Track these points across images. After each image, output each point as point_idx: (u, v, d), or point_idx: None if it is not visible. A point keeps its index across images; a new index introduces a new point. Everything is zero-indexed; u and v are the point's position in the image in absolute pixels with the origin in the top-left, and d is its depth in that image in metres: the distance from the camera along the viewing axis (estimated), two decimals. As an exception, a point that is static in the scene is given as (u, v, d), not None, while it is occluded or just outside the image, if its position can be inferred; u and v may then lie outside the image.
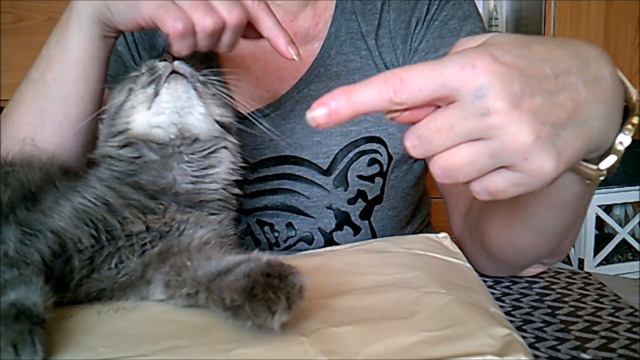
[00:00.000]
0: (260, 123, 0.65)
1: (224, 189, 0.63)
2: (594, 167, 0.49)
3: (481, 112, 0.41)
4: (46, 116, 0.69)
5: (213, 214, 0.60)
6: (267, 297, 0.42)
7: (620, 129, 0.48)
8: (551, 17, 2.00)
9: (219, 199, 0.62)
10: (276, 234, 0.86)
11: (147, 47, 0.88)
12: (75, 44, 0.67)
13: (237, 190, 0.65)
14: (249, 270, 0.45)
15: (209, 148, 0.61)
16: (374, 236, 0.87)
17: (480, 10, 2.14)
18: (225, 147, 0.63)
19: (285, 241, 0.86)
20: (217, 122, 0.62)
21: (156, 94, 0.60)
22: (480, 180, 0.44)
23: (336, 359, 0.40)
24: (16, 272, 0.47)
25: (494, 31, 2.15)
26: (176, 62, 0.61)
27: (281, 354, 0.41)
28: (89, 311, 0.51)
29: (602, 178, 0.50)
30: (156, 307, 0.52)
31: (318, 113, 0.43)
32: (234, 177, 0.64)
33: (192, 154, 0.60)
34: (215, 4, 0.59)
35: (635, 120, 0.48)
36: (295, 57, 0.62)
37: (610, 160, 0.49)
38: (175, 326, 0.47)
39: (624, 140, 0.48)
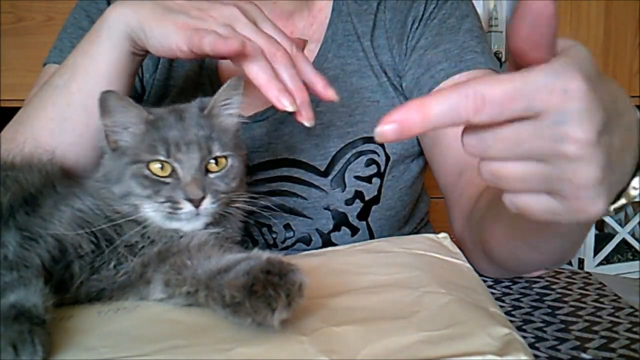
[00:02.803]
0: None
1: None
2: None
3: (557, 138, 0.38)
4: (67, 124, 0.68)
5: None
6: (267, 294, 0.43)
7: (635, 174, 0.46)
8: (551, 17, 1.99)
9: None
10: (274, 235, 0.86)
11: None
12: (103, 56, 0.66)
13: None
14: (249, 268, 0.45)
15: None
16: (371, 237, 0.87)
17: (480, 10, 2.14)
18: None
19: (283, 242, 0.86)
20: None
21: (172, 220, 0.57)
22: (515, 195, 0.42)
23: (336, 358, 0.40)
24: (16, 274, 0.47)
25: (494, 31, 2.16)
26: (203, 207, 0.56)
27: (281, 353, 0.41)
28: (89, 311, 0.51)
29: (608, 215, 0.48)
30: (156, 307, 0.52)
31: (387, 130, 0.39)
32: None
33: None
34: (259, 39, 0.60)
35: None
36: (333, 98, 0.64)
37: (620, 203, 0.47)
38: (175, 326, 0.47)
39: (638, 185, 0.46)
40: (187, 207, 0.56)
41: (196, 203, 0.56)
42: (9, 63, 1.71)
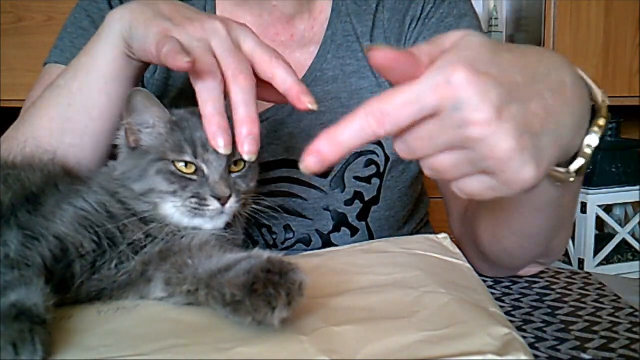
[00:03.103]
0: None
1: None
2: (563, 170, 0.49)
3: (459, 125, 0.41)
4: (67, 125, 0.68)
5: None
6: (268, 293, 0.43)
7: (588, 131, 0.48)
8: (551, 17, 2.00)
9: None
10: (274, 236, 0.86)
11: None
12: (101, 56, 0.66)
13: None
14: (250, 267, 0.45)
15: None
16: (371, 237, 0.87)
17: (480, 10, 2.14)
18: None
19: (283, 243, 0.86)
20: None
21: (196, 216, 0.57)
22: (457, 182, 0.45)
23: (336, 358, 0.40)
24: (17, 273, 0.47)
25: (494, 31, 2.16)
26: (228, 205, 0.57)
27: (281, 352, 0.41)
28: (89, 311, 0.51)
29: (572, 179, 0.50)
30: (156, 306, 0.52)
31: (309, 162, 0.44)
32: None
33: None
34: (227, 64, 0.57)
35: (601, 122, 0.48)
36: (309, 106, 0.58)
37: (578, 163, 0.49)
38: (175, 325, 0.47)
39: (592, 142, 0.48)
40: (214, 204, 0.57)
41: (223, 201, 0.57)
42: (9, 63, 1.71)
